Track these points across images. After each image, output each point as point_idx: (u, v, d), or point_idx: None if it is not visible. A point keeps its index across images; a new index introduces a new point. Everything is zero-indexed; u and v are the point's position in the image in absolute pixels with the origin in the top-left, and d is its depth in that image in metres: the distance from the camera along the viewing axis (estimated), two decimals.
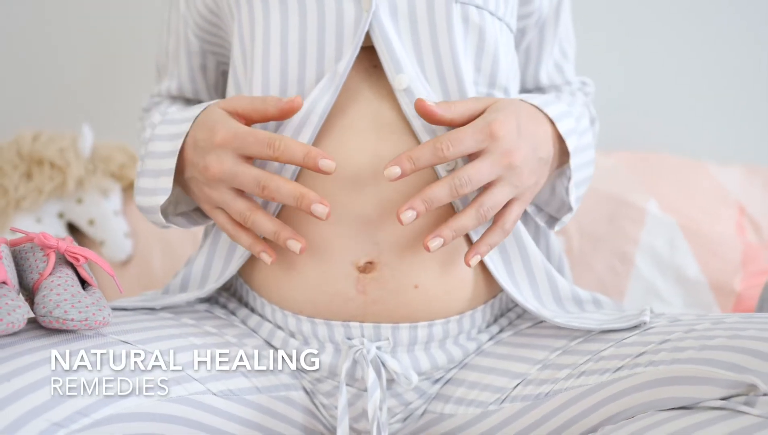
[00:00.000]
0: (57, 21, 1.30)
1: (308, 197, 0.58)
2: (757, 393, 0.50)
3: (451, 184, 0.58)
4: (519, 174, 0.61)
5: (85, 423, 0.51)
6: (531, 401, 0.62)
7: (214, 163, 0.60)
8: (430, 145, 0.59)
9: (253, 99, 0.62)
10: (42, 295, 0.54)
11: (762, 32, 1.33)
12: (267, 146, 0.58)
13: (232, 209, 0.61)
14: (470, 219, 0.60)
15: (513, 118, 0.61)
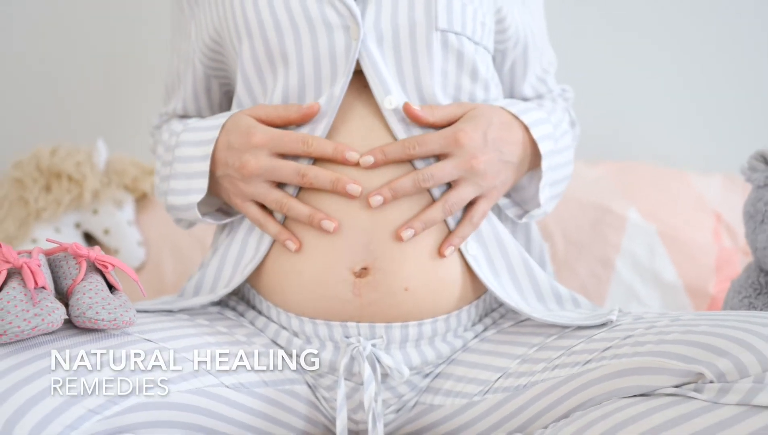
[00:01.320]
0: (72, 43, 1.35)
1: (342, 180, 0.68)
2: (705, 381, 0.57)
3: (415, 177, 0.68)
4: (482, 175, 0.69)
5: (115, 410, 0.58)
6: (511, 392, 0.69)
7: (252, 161, 0.69)
8: (401, 142, 0.68)
9: (276, 107, 0.71)
10: (76, 299, 0.61)
11: (742, 46, 1.38)
12: (302, 143, 0.68)
13: (268, 199, 0.70)
14: (437, 212, 0.69)
15: (482, 127, 0.70)
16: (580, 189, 1.21)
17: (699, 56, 1.39)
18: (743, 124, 1.41)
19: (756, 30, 1.38)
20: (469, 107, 0.72)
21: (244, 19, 0.73)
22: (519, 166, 0.74)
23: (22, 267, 0.59)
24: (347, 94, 0.72)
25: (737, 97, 1.40)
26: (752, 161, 0.80)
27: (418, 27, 0.71)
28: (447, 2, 0.71)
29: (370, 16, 0.71)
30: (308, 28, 0.71)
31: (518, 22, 0.83)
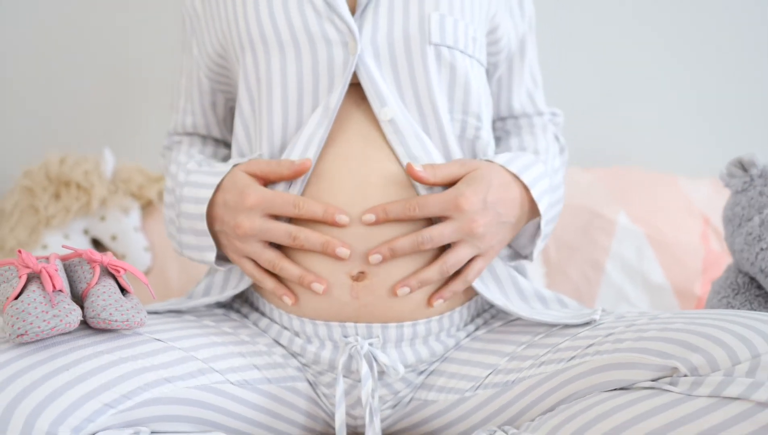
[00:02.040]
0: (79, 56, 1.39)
1: (332, 244, 0.71)
2: (679, 374, 0.61)
3: (414, 240, 0.71)
4: (481, 238, 0.73)
5: (129, 405, 0.62)
6: (500, 388, 0.73)
7: (246, 222, 0.72)
8: (403, 203, 0.71)
9: (269, 163, 0.74)
10: (91, 301, 0.65)
11: (730, 56, 1.42)
12: (292, 206, 0.71)
13: (261, 259, 0.73)
14: (434, 273, 0.72)
15: (482, 191, 0.72)
16: (572, 194, 1.25)
17: (688, 65, 1.43)
18: (731, 129, 1.44)
19: (744, 38, 1.42)
20: (471, 167, 0.74)
21: (247, 33, 0.77)
22: (516, 224, 0.78)
23: (41, 272, 0.63)
24: (346, 106, 0.75)
25: (725, 104, 1.44)
26: (731, 167, 0.84)
27: (412, 42, 0.75)
28: (439, 18, 0.75)
29: (367, 32, 0.75)
30: (308, 42, 0.75)
31: (511, 34, 0.87)
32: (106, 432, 0.60)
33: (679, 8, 1.42)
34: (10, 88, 1.40)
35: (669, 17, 1.42)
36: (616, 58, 1.44)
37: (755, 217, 0.79)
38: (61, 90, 1.41)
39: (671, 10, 1.42)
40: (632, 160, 1.42)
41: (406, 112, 0.75)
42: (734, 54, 1.42)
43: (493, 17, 0.83)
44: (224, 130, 0.92)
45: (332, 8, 0.74)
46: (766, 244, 0.77)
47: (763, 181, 0.81)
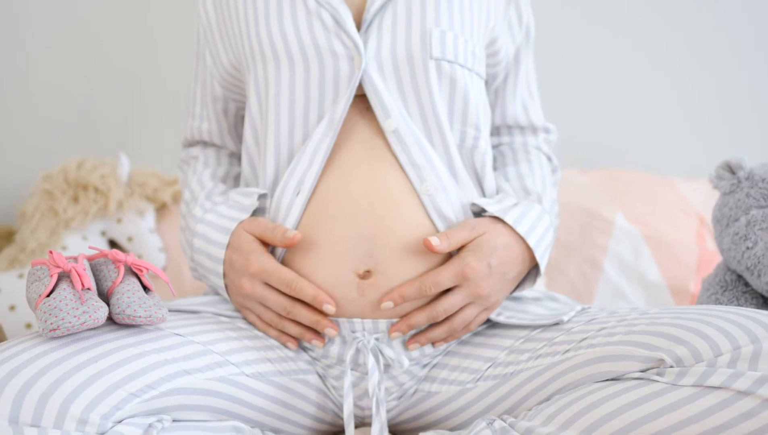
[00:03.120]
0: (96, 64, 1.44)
1: (322, 323, 0.77)
2: (665, 365, 0.65)
3: (429, 314, 0.77)
4: (487, 298, 0.78)
5: (153, 394, 0.66)
6: (499, 379, 0.77)
7: (247, 286, 0.78)
8: (417, 285, 0.75)
9: (266, 228, 0.78)
10: (116, 298, 0.69)
11: (725, 61, 1.46)
12: (286, 286, 0.77)
13: (263, 317, 0.80)
14: (443, 333, 0.79)
15: (486, 257, 0.77)
16: (570, 195, 1.29)
17: (685, 70, 1.47)
18: (726, 132, 1.48)
19: (739, 43, 1.46)
20: (479, 232, 0.78)
21: (259, 46, 0.81)
22: (518, 277, 0.82)
23: (71, 271, 0.67)
24: (351, 116, 0.80)
25: (721, 108, 1.48)
26: (719, 170, 0.88)
27: (415, 56, 0.79)
28: (440, 34, 0.80)
29: (372, 47, 0.79)
30: (317, 56, 0.79)
31: (509, 47, 0.91)
32: (132, 419, 0.64)
33: (676, 12, 1.46)
34: (30, 96, 1.44)
35: (665, 22, 1.46)
36: (613, 62, 1.48)
37: (742, 217, 0.84)
38: (78, 98, 1.45)
39: (668, 15, 1.46)
40: (630, 163, 1.46)
41: (410, 123, 0.79)
42: (729, 60, 1.46)
43: (491, 31, 0.87)
44: (235, 138, 0.97)
45: (339, 24, 0.79)
46: (751, 243, 0.81)
47: (749, 183, 0.85)
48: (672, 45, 1.47)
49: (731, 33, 1.46)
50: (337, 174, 0.78)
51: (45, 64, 1.43)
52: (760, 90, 1.47)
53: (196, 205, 0.87)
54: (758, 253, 0.80)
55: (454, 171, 0.81)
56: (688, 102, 1.49)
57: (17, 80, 1.43)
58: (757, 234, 0.81)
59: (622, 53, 1.47)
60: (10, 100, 1.44)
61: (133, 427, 0.63)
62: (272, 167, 0.82)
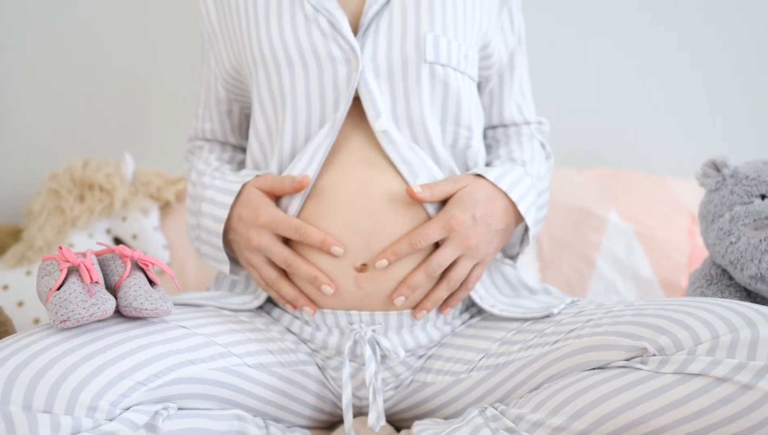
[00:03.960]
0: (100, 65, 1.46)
1: (320, 279, 0.79)
2: (648, 354, 0.68)
3: (425, 271, 0.80)
4: (476, 249, 0.81)
5: (159, 383, 0.69)
6: (492, 369, 0.80)
7: (255, 237, 0.81)
8: (407, 240, 0.78)
9: (275, 180, 0.82)
10: (123, 292, 0.72)
11: (717, 63, 1.48)
12: (294, 231, 0.79)
13: (263, 274, 0.83)
14: (443, 292, 0.82)
15: (469, 208, 0.80)
16: (565, 194, 1.32)
17: (677, 72, 1.49)
18: (718, 131, 1.51)
19: (731, 46, 1.48)
20: (460, 185, 0.82)
21: (260, 51, 0.84)
22: (506, 230, 0.86)
23: (80, 265, 0.70)
24: (350, 118, 0.83)
25: (715, 107, 1.51)
26: (705, 168, 0.91)
27: (409, 60, 0.82)
28: (434, 39, 0.83)
29: (368, 51, 0.82)
30: (315, 61, 0.82)
31: (502, 50, 0.94)
32: (139, 406, 0.67)
33: (669, 14, 1.48)
34: (35, 98, 1.47)
35: (659, 23, 1.48)
36: (609, 64, 1.50)
37: (726, 213, 0.86)
38: (83, 99, 1.48)
39: (661, 16, 1.48)
40: (624, 162, 1.49)
41: (399, 124, 0.82)
42: (723, 61, 1.49)
43: (484, 35, 0.90)
44: (239, 136, 1.00)
45: (336, 29, 0.82)
46: (735, 238, 0.84)
47: (734, 180, 0.88)
48: (666, 47, 1.49)
49: (724, 34, 1.48)
50: (335, 172, 0.81)
51: (49, 66, 1.46)
52: (752, 90, 1.50)
53: (205, 177, 0.90)
54: (741, 248, 0.83)
55: (441, 168, 0.84)
56: (682, 102, 1.51)
57: (23, 82, 1.46)
58: (740, 229, 0.83)
59: (616, 55, 1.50)
60: (16, 102, 1.47)
61: (140, 414, 0.66)
62: (275, 167, 0.85)
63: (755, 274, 0.81)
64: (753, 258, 0.81)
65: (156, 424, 0.67)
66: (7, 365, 0.62)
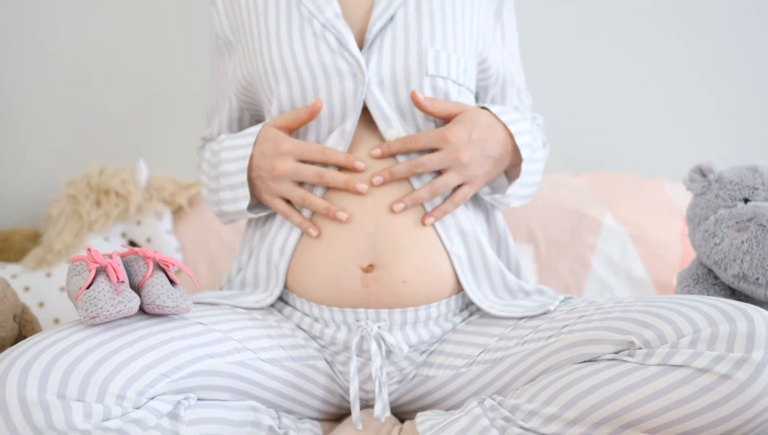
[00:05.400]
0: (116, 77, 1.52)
1: (353, 180, 0.85)
2: (635, 347, 0.73)
3: (409, 164, 0.85)
4: (466, 166, 0.86)
5: (180, 375, 0.74)
6: (490, 364, 0.85)
7: (280, 165, 0.86)
8: (402, 140, 0.84)
9: (290, 114, 0.88)
10: (146, 290, 0.78)
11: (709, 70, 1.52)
12: (321, 152, 0.86)
13: (293, 195, 0.87)
14: (425, 193, 0.86)
15: (468, 127, 0.86)
16: (562, 197, 1.37)
17: (672, 79, 1.53)
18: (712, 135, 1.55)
19: (725, 52, 1.52)
20: (463, 108, 0.88)
21: (272, 67, 0.90)
22: (499, 160, 0.90)
23: (107, 266, 0.76)
24: (358, 128, 0.89)
25: (706, 113, 1.55)
26: (691, 173, 0.96)
27: (412, 73, 0.88)
28: (435, 53, 0.88)
29: (373, 65, 0.88)
30: (324, 75, 0.88)
31: (498, 62, 1.00)
32: (163, 396, 0.73)
33: (662, 20, 1.52)
34: (53, 108, 1.52)
35: (651, 32, 1.52)
36: (604, 71, 1.54)
37: (711, 216, 0.92)
38: (99, 109, 1.53)
39: (654, 23, 1.52)
40: (620, 166, 1.53)
41: (409, 132, 0.88)
42: (713, 67, 1.53)
43: (482, 50, 0.95)
44: None
45: (343, 45, 0.88)
46: (719, 239, 0.89)
47: (718, 185, 0.93)
48: (660, 54, 1.53)
49: (717, 40, 1.52)
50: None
51: (66, 78, 1.51)
52: (745, 95, 1.53)
53: (215, 145, 0.95)
54: (724, 249, 0.88)
55: None
56: (675, 108, 1.55)
57: (41, 94, 1.51)
58: (723, 231, 0.89)
59: (612, 62, 1.54)
60: (34, 112, 1.52)
61: (164, 403, 0.72)
62: None
63: (738, 273, 0.86)
64: (735, 258, 0.86)
65: (178, 412, 0.73)
66: (43, 357, 0.68)
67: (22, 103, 1.52)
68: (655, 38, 1.53)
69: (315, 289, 0.88)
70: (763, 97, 1.53)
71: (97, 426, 0.67)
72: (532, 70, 1.32)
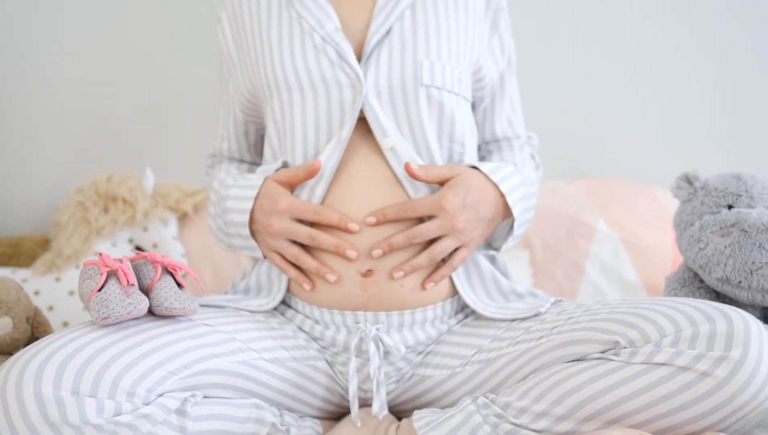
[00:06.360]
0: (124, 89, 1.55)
1: (343, 245, 0.87)
2: (620, 347, 0.76)
3: (407, 235, 0.87)
4: (462, 232, 0.89)
5: (188, 373, 0.78)
6: (484, 363, 0.89)
7: (276, 223, 0.89)
8: (398, 206, 0.87)
9: (290, 170, 0.91)
10: (155, 293, 0.81)
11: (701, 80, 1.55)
12: (314, 213, 0.88)
13: (287, 254, 0.90)
14: (423, 260, 0.89)
15: (461, 193, 0.89)
16: (557, 203, 1.40)
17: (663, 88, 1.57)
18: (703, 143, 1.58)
19: (715, 61, 1.55)
20: (456, 172, 0.90)
21: (274, 79, 0.94)
22: (492, 220, 0.94)
23: (117, 270, 0.80)
24: (354, 136, 0.92)
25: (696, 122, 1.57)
26: (678, 181, 1.00)
27: (408, 84, 0.92)
28: (430, 65, 0.92)
29: (371, 76, 0.92)
30: (324, 86, 0.92)
31: (493, 73, 1.04)
32: (171, 393, 0.76)
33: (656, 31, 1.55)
34: (62, 117, 1.56)
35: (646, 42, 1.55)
36: (597, 79, 1.57)
37: (696, 222, 0.95)
38: (107, 118, 1.57)
39: (644, 34, 1.55)
40: (612, 173, 1.57)
41: (403, 141, 0.92)
42: (703, 77, 1.56)
43: (476, 60, 0.99)
44: (254, 155, 1.09)
45: (343, 58, 0.91)
46: (703, 244, 0.92)
47: (704, 192, 0.97)
48: (653, 65, 1.56)
49: (708, 49, 1.55)
50: (343, 186, 0.90)
51: (75, 88, 1.55)
52: (735, 104, 1.56)
53: (229, 178, 0.99)
54: (708, 253, 0.91)
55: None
56: (667, 117, 1.58)
57: (49, 103, 1.55)
58: (708, 236, 0.92)
59: (606, 71, 1.57)
60: (42, 121, 1.56)
61: (172, 400, 0.76)
62: None
63: (721, 277, 0.90)
64: (719, 262, 0.90)
65: (185, 409, 0.76)
66: (58, 356, 0.71)
67: (31, 114, 1.56)
68: (647, 48, 1.56)
69: (316, 293, 0.92)
70: (754, 105, 1.56)
71: (108, 420, 0.70)
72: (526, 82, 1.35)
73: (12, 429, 0.68)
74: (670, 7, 1.55)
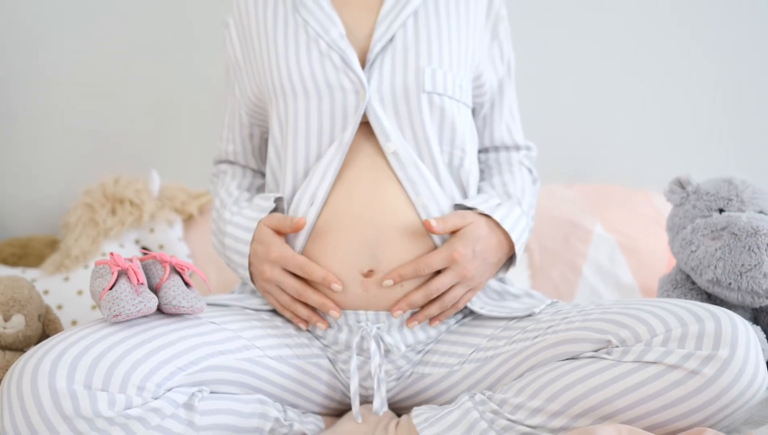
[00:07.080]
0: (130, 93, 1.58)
1: (328, 305, 0.91)
2: (612, 346, 0.79)
3: (425, 292, 0.91)
4: (471, 279, 0.93)
5: (195, 369, 0.81)
6: (481, 362, 0.91)
7: (268, 271, 0.92)
8: (413, 266, 0.89)
9: (279, 219, 0.93)
10: (164, 292, 0.84)
11: (696, 83, 1.58)
12: (300, 268, 0.91)
13: (279, 299, 0.94)
14: (435, 309, 0.93)
15: (471, 243, 0.92)
16: (555, 207, 1.43)
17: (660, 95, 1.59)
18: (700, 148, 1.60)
19: (712, 67, 1.57)
20: (467, 221, 0.93)
21: (280, 82, 0.97)
22: (498, 263, 0.97)
23: (128, 269, 0.82)
24: (357, 140, 0.95)
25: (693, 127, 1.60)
26: (671, 185, 1.03)
27: (410, 90, 0.94)
28: (431, 71, 0.95)
29: (374, 82, 0.94)
30: (328, 91, 0.95)
31: (493, 80, 1.06)
32: (179, 388, 0.79)
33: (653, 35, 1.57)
34: (69, 120, 1.59)
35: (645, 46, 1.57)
36: (594, 84, 1.60)
37: (688, 225, 0.98)
38: (114, 122, 1.60)
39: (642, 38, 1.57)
40: (609, 178, 1.59)
41: (406, 145, 0.95)
42: (698, 82, 1.58)
43: (476, 67, 1.02)
44: (258, 159, 1.12)
45: (347, 64, 0.94)
46: (695, 247, 0.95)
47: (696, 196, 0.99)
48: (650, 70, 1.59)
49: (705, 54, 1.57)
50: (345, 188, 0.93)
51: (85, 94, 1.58)
52: (730, 109, 1.58)
53: (226, 211, 1.02)
54: (700, 256, 0.94)
55: (442, 185, 0.96)
56: (664, 123, 1.60)
57: (57, 107, 1.58)
58: (699, 239, 0.95)
59: (603, 76, 1.60)
60: (50, 124, 1.59)
61: (180, 395, 0.78)
62: (291, 182, 0.97)
63: (712, 279, 0.93)
64: (710, 264, 0.93)
65: (193, 403, 0.79)
66: (71, 352, 0.74)
67: (39, 117, 1.58)
68: (647, 49, 1.58)
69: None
70: (754, 106, 1.58)
71: (120, 413, 0.73)
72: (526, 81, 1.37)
73: (28, 422, 0.70)
74: (669, 8, 1.56)
